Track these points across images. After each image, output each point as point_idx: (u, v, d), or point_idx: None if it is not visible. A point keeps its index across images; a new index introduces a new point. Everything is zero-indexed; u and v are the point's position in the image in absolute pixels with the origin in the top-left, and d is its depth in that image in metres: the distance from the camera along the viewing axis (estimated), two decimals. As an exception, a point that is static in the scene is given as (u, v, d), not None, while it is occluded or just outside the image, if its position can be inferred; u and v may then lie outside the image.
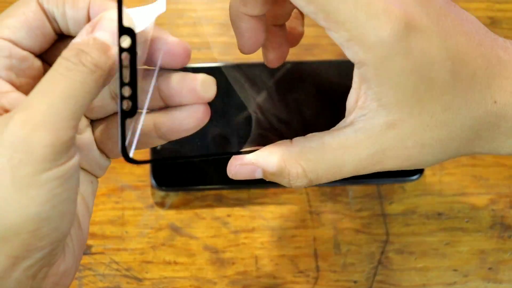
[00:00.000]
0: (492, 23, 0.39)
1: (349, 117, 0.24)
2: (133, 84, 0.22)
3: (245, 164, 0.25)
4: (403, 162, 0.24)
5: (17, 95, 0.21)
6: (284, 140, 0.25)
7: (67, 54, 0.20)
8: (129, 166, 0.36)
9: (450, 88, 0.23)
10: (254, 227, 0.35)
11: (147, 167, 0.36)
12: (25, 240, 0.19)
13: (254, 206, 0.35)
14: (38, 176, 0.19)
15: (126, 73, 0.21)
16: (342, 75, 0.26)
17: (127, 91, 0.21)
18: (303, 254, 0.35)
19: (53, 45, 0.23)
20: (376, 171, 0.24)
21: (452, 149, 0.25)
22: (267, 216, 0.35)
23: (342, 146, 0.23)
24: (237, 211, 0.35)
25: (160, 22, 0.40)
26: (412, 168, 0.25)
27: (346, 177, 0.24)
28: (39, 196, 0.19)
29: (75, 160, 0.20)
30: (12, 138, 0.18)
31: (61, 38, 0.23)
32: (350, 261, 0.35)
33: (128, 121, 0.22)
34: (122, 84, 0.21)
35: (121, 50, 0.21)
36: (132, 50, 0.21)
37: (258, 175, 0.25)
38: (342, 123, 0.24)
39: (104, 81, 0.21)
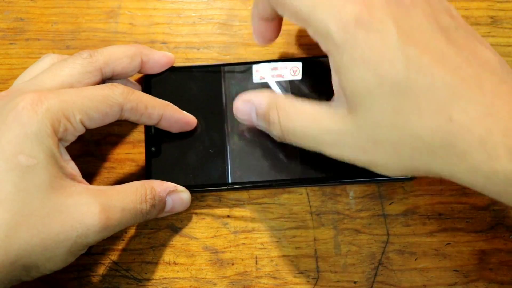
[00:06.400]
0: (493, 23, 0.39)
1: (333, 96, 0.27)
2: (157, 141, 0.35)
3: (245, 100, 0.30)
4: (359, 154, 0.26)
5: (73, 164, 0.29)
6: (281, 93, 0.30)
7: (149, 200, 0.31)
8: (128, 166, 0.36)
9: (401, 91, 0.24)
10: (254, 228, 0.35)
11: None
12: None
13: (254, 206, 0.35)
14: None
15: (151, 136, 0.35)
16: None
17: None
18: (303, 255, 0.35)
19: None
20: (333, 156, 0.27)
21: (406, 157, 0.25)
22: (267, 216, 0.35)
23: (313, 113, 0.27)
24: (237, 211, 0.35)
25: (159, 21, 0.41)
26: (374, 168, 0.26)
27: (309, 144, 0.27)
28: None
29: None
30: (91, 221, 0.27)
31: None
32: (351, 261, 0.34)
33: None
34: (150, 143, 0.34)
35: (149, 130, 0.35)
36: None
37: (254, 116, 0.30)
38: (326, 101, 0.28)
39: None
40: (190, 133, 0.34)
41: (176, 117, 0.33)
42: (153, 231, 0.35)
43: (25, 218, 0.25)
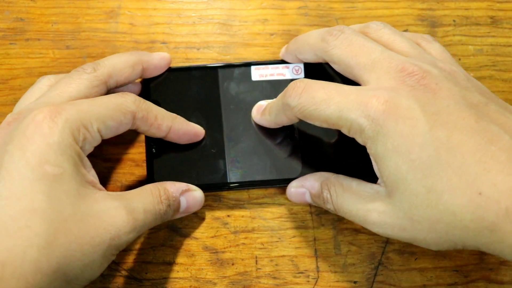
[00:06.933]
0: (493, 23, 0.39)
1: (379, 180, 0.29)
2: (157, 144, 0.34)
3: (297, 186, 0.33)
4: (399, 232, 0.28)
5: (94, 171, 0.29)
6: (329, 173, 0.32)
7: (164, 200, 0.31)
8: (128, 166, 0.36)
9: (433, 172, 0.25)
10: (254, 228, 0.35)
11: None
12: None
13: (254, 206, 0.35)
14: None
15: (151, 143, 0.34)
16: None
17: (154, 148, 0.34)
18: (303, 255, 0.35)
19: None
20: (377, 233, 0.29)
21: (442, 232, 0.26)
22: (267, 216, 0.35)
23: (359, 193, 0.30)
24: (237, 211, 0.35)
25: (159, 21, 0.41)
26: (416, 243, 0.28)
27: (356, 220, 0.30)
28: None
29: None
30: (119, 222, 0.28)
31: None
32: (351, 261, 0.34)
33: None
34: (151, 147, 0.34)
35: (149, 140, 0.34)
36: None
37: (308, 198, 0.33)
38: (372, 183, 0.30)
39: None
40: None
41: (184, 129, 0.33)
42: (153, 231, 0.35)
43: (61, 224, 0.26)
